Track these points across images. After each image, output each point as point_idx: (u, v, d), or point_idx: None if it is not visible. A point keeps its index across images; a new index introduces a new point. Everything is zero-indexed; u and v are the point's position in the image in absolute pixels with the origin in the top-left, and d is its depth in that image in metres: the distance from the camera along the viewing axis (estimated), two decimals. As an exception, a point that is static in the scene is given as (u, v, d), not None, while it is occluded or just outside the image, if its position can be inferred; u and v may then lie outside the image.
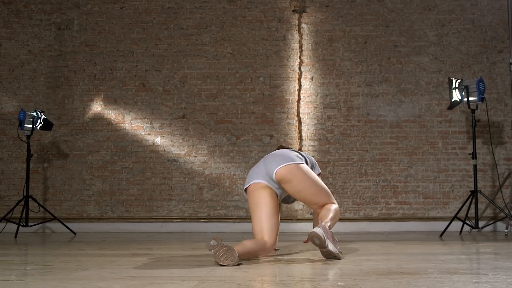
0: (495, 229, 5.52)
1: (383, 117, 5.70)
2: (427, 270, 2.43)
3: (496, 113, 5.68)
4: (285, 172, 3.12)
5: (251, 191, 3.16)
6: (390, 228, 5.55)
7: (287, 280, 2.19)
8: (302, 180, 3.13)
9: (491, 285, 1.99)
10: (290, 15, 5.83)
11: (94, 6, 5.91)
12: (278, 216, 3.17)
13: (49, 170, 5.78)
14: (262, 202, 3.11)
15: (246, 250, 2.87)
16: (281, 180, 3.13)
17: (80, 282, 2.15)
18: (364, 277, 2.24)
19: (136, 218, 5.69)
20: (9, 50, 5.92)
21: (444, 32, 5.77)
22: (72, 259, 3.02)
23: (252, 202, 3.14)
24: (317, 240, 2.85)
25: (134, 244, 4.07)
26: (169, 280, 2.19)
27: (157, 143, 5.77)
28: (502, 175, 5.59)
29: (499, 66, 5.70)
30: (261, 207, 3.10)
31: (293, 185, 3.13)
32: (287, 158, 3.18)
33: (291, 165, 3.14)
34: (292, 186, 3.13)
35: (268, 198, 3.11)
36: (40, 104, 5.80)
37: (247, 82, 5.78)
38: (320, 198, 3.18)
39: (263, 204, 3.10)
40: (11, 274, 2.41)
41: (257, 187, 3.14)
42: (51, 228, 5.67)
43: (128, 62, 5.85)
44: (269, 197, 3.12)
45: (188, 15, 5.87)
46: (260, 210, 3.10)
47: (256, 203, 3.12)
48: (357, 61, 5.76)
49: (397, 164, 5.66)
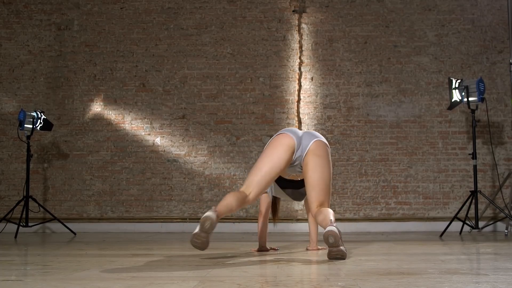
0: (495, 229, 5.52)
1: (383, 117, 5.70)
2: (427, 270, 2.43)
3: (496, 113, 5.68)
4: (322, 146, 3.18)
5: (277, 140, 3.18)
6: (390, 228, 5.55)
7: (287, 280, 2.19)
8: (326, 162, 3.17)
9: (491, 285, 1.99)
10: (290, 15, 5.83)
11: (94, 6, 5.91)
12: (275, 178, 3.18)
13: (49, 170, 5.78)
14: (276, 156, 3.11)
15: (228, 209, 2.93)
16: (313, 150, 3.15)
17: (80, 282, 2.15)
18: (364, 277, 2.24)
19: (136, 218, 5.70)
20: (9, 51, 5.92)
21: (444, 32, 5.77)
22: (72, 259, 3.02)
23: (269, 149, 3.15)
24: (332, 238, 2.80)
25: (134, 244, 4.08)
26: (169, 280, 2.19)
27: (157, 143, 5.77)
28: (502, 175, 5.60)
29: (499, 66, 5.71)
30: (272, 160, 3.10)
31: (317, 160, 3.13)
32: (325, 140, 3.28)
33: (327, 146, 3.24)
34: (316, 160, 3.13)
35: (284, 158, 3.11)
36: (40, 105, 5.80)
37: (247, 82, 5.79)
38: (324, 189, 3.14)
39: (276, 159, 3.10)
40: (11, 274, 2.41)
41: (285, 142, 3.15)
42: (51, 228, 5.67)
43: (128, 62, 5.85)
44: (285, 159, 3.12)
45: (188, 15, 5.88)
46: (269, 162, 3.09)
47: (270, 154, 3.12)
48: (357, 61, 5.76)
49: (397, 164, 5.66)
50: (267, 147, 3.20)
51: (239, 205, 3.00)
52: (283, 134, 3.21)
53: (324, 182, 3.14)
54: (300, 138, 3.20)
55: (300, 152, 3.17)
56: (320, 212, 3.05)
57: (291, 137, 3.17)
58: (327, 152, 3.21)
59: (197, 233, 2.81)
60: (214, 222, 2.80)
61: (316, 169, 3.13)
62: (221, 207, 2.90)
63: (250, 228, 5.48)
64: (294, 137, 3.18)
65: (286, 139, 3.17)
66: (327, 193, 3.16)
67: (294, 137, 3.18)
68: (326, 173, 3.15)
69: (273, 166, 3.10)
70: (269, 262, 2.87)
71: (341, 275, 2.31)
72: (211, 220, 2.78)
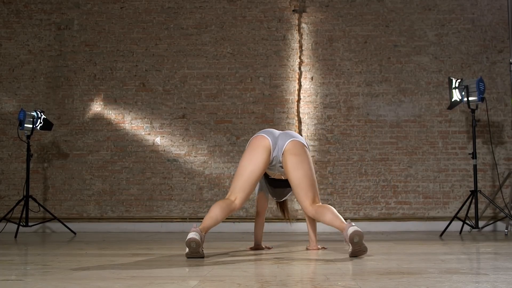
0: (495, 229, 5.52)
1: (383, 117, 5.70)
2: (427, 270, 2.43)
3: (496, 113, 5.68)
4: (298, 145, 3.23)
5: (253, 142, 3.24)
6: (390, 228, 5.56)
7: (287, 280, 2.19)
8: (305, 159, 3.21)
9: (491, 285, 1.99)
10: (290, 15, 5.83)
11: (94, 6, 5.91)
12: (258, 180, 3.24)
13: (49, 170, 5.78)
14: (254, 159, 3.18)
15: (214, 221, 3.03)
16: (289, 150, 3.20)
17: (80, 282, 2.15)
18: (364, 277, 2.24)
19: (136, 218, 5.70)
20: (9, 50, 5.92)
21: (444, 32, 5.77)
22: (72, 259, 3.02)
23: (247, 153, 3.22)
24: (357, 238, 2.88)
25: (134, 244, 4.08)
26: (169, 280, 2.19)
27: (157, 143, 5.77)
28: (502, 175, 5.60)
29: (499, 66, 5.71)
30: (251, 163, 3.17)
31: (294, 159, 3.19)
32: (302, 139, 3.33)
33: (304, 144, 3.28)
34: (293, 159, 3.18)
35: (261, 160, 3.18)
36: (40, 104, 5.80)
37: (247, 82, 5.79)
38: (310, 185, 3.18)
39: (254, 162, 3.18)
40: (11, 274, 2.41)
41: (261, 143, 3.21)
42: (51, 228, 5.67)
43: (128, 62, 5.85)
44: (263, 161, 3.19)
45: (188, 15, 5.88)
46: (248, 166, 3.17)
47: (249, 158, 3.19)
48: (357, 61, 5.76)
49: (397, 164, 5.66)
50: (245, 151, 3.27)
51: (225, 213, 3.09)
52: (259, 136, 3.28)
53: (308, 178, 3.19)
54: (276, 139, 3.26)
55: (276, 152, 3.24)
56: (323, 210, 3.10)
57: (266, 138, 3.24)
58: (305, 150, 3.25)
59: (188, 253, 2.94)
60: (199, 240, 2.88)
61: (296, 168, 3.19)
62: (205, 222, 3.01)
63: (250, 227, 5.44)
64: (269, 138, 3.24)
65: (261, 140, 3.24)
66: (314, 188, 3.21)
67: (270, 138, 3.25)
68: (307, 170, 3.20)
69: (253, 169, 3.17)
70: (269, 262, 2.87)
71: (341, 275, 2.31)
72: (195, 241, 2.87)
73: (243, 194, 3.15)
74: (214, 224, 3.05)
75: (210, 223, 3.02)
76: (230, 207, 3.10)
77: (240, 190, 3.15)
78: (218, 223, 3.09)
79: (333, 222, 3.03)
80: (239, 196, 3.13)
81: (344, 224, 2.96)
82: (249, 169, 3.17)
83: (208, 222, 3.02)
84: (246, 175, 3.16)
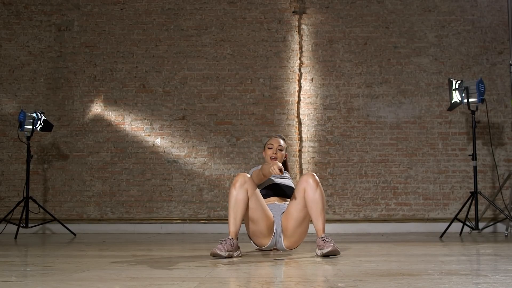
0: (495, 230, 5.52)
1: (383, 118, 5.71)
2: (427, 271, 2.43)
3: (496, 114, 5.68)
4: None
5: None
6: (390, 229, 5.55)
7: (287, 281, 2.19)
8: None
9: (491, 286, 1.99)
10: (290, 16, 5.84)
11: (94, 7, 5.92)
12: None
13: (49, 171, 5.78)
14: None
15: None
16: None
17: (80, 283, 2.15)
18: (364, 278, 2.24)
19: (136, 219, 5.69)
20: (9, 51, 5.92)
21: (444, 33, 5.77)
22: (72, 260, 3.02)
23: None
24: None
25: (134, 245, 4.08)
26: (169, 281, 2.19)
27: (157, 144, 5.77)
28: (502, 176, 5.60)
29: (499, 67, 5.71)
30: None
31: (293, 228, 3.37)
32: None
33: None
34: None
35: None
36: (40, 105, 5.80)
37: (247, 83, 5.79)
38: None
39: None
40: (11, 275, 2.41)
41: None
42: (51, 229, 5.67)
43: (128, 63, 5.85)
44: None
45: (188, 16, 5.88)
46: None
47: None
48: (357, 62, 5.77)
49: (397, 165, 5.66)
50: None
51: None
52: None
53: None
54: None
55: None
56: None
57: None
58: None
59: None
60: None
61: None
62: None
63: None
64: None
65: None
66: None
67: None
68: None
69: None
70: (269, 263, 2.87)
71: (341, 276, 2.31)
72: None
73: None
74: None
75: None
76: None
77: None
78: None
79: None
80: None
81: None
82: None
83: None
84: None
